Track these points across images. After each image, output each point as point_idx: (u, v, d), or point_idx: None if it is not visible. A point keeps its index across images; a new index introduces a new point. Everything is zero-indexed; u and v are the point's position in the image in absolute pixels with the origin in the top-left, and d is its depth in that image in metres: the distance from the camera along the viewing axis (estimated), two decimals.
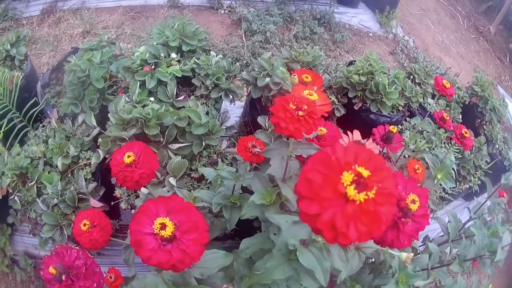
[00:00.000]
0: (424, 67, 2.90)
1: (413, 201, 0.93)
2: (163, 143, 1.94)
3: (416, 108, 2.65)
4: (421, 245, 2.01)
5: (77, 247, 1.17)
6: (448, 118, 1.90)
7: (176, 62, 2.25)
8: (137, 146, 1.25)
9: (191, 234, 0.88)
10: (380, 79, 2.39)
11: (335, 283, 1.74)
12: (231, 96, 2.27)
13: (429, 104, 2.55)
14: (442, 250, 1.86)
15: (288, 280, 1.35)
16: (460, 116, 2.99)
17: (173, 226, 0.87)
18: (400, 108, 2.57)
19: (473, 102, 3.12)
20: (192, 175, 1.94)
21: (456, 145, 2.52)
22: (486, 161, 2.78)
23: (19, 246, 2.50)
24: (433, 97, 2.86)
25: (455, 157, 2.54)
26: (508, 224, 1.93)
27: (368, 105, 2.44)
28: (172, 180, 1.78)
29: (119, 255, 1.75)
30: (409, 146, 1.90)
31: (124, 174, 1.19)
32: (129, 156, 1.18)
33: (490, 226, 1.81)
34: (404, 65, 3.01)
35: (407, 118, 2.64)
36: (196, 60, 2.26)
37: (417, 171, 1.68)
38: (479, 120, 3.14)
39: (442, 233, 2.03)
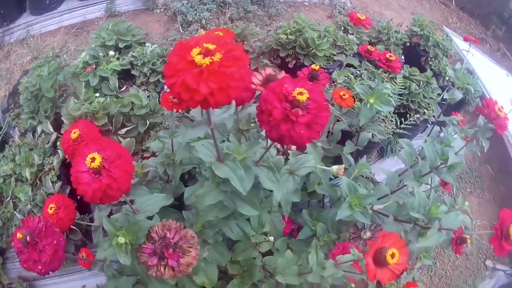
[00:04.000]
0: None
1: (300, 93, 1.02)
2: (112, 130, 2.12)
3: (351, 55, 2.78)
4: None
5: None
6: (372, 49, 2.06)
7: (115, 59, 2.45)
8: (81, 124, 1.46)
9: (116, 162, 1.05)
10: (309, 34, 2.56)
11: (299, 229, 1.90)
12: None
13: (349, 40, 2.72)
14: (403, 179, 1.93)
15: (237, 219, 1.53)
16: (403, 57, 3.17)
17: (101, 158, 1.04)
18: (336, 58, 2.72)
19: (414, 42, 3.29)
20: (144, 155, 2.11)
21: (400, 80, 2.71)
22: (438, 94, 2.89)
23: (12, 273, 2.60)
24: (370, 43, 3.07)
25: (401, 93, 2.68)
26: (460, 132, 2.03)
27: (301, 60, 2.61)
28: None
29: None
30: (337, 81, 2.09)
31: (72, 148, 1.39)
32: (74, 132, 1.40)
33: (442, 140, 1.91)
34: (338, 22, 3.21)
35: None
36: (133, 53, 2.46)
37: (344, 96, 1.84)
38: (424, 58, 3.32)
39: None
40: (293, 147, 1.74)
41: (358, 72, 2.59)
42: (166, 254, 1.14)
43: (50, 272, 1.21)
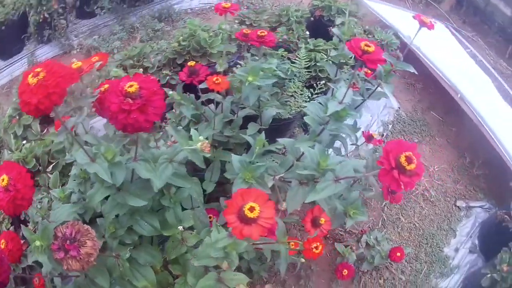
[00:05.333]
0: (255, 10, 3.49)
1: (130, 86, 1.31)
2: (42, 170, 2.51)
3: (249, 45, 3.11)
4: None
5: None
6: (248, 32, 2.26)
7: None
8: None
9: (17, 178, 1.43)
10: (201, 36, 2.89)
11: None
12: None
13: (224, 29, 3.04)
14: None
15: (143, 215, 1.84)
16: (307, 32, 3.46)
17: (8, 178, 1.41)
18: (233, 51, 3.00)
19: (317, 15, 3.64)
20: None
21: (302, 54, 2.92)
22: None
23: None
24: (272, 28, 3.41)
25: (308, 66, 2.98)
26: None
27: (199, 62, 2.76)
28: (54, 192, 2.38)
29: None
30: (219, 70, 2.25)
31: None
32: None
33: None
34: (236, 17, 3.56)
35: None
36: None
37: (216, 81, 2.10)
38: (331, 27, 3.49)
39: None
40: None
41: (256, 58, 2.94)
42: (66, 247, 1.44)
43: (1, 286, 1.54)
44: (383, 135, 3.94)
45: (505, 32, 5.33)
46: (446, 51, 4.54)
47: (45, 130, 2.79)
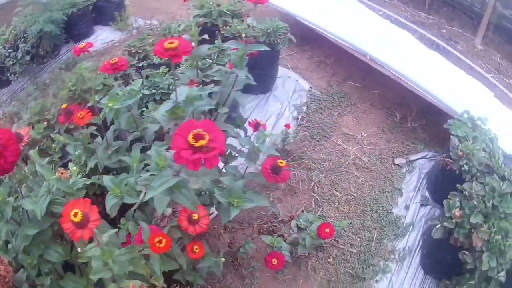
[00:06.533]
0: (140, 37, 3.94)
1: None
2: None
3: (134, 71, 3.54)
4: None
5: None
6: (105, 63, 2.48)
7: None
8: None
9: None
10: (86, 77, 3.22)
11: None
12: None
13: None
14: None
15: (46, 245, 2.15)
16: (193, 44, 3.85)
17: None
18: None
19: (201, 24, 4.01)
20: None
21: (184, 65, 3.29)
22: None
23: None
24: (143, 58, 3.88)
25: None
26: None
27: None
28: None
29: None
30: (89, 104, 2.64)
31: None
32: None
33: None
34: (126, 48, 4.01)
35: None
36: None
37: (80, 116, 2.37)
38: (218, 31, 4.04)
39: None
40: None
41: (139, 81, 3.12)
42: None
43: None
44: (298, 118, 4.24)
45: None
46: (355, 21, 4.96)
47: None
